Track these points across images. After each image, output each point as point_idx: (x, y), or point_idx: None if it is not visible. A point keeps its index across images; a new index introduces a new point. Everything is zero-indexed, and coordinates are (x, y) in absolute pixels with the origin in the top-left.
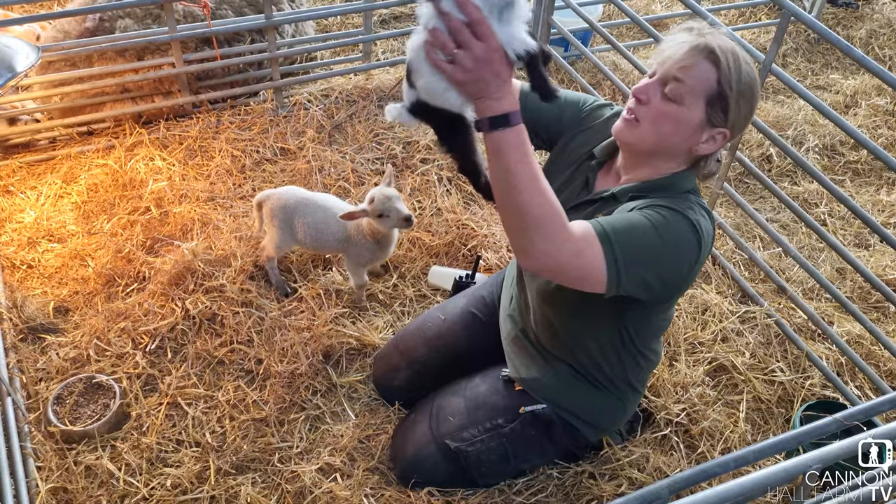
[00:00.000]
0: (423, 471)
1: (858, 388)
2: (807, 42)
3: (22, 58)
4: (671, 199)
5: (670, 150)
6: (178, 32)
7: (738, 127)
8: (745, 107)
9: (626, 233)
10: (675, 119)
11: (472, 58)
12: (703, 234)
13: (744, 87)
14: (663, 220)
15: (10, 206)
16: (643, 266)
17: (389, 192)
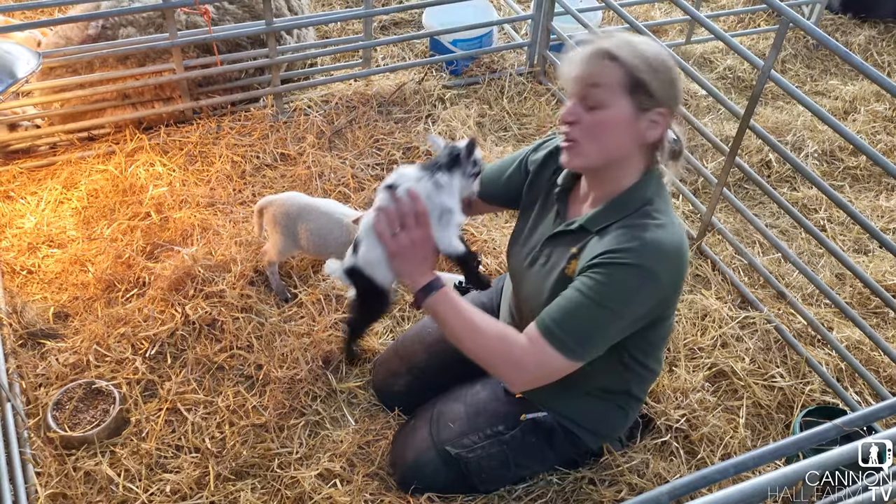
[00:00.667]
0: (423, 477)
1: (858, 394)
2: (806, 48)
3: (23, 64)
4: (627, 232)
5: (621, 154)
6: (179, 39)
7: (671, 101)
8: (665, 80)
9: (569, 319)
10: (608, 123)
11: (409, 238)
12: (660, 265)
13: (654, 64)
14: (602, 286)
15: (11, 212)
16: (599, 335)
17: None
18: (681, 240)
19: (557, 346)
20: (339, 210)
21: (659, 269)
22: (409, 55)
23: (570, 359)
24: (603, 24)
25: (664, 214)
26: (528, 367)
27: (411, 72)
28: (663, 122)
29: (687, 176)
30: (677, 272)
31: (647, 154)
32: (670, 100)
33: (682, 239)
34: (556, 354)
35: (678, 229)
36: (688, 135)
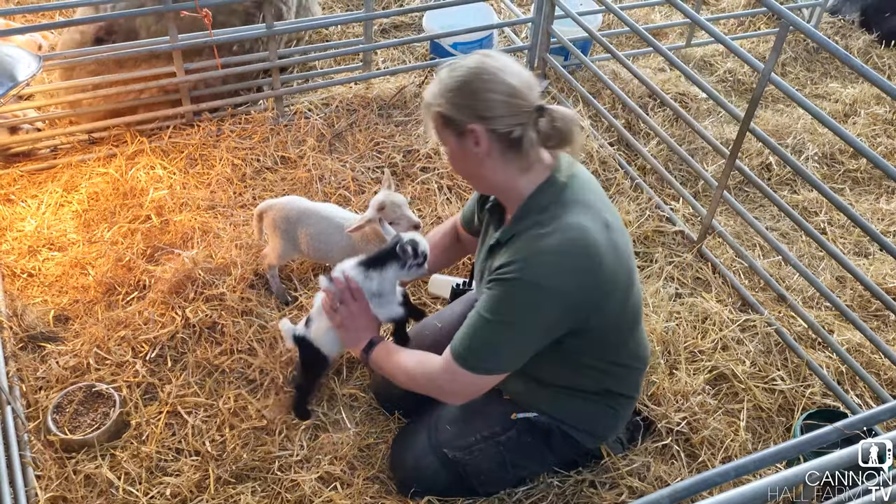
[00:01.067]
0: (422, 480)
1: (859, 397)
2: (806, 51)
3: (23, 67)
4: (515, 246)
5: (482, 174)
6: (180, 42)
7: (471, 115)
8: (458, 102)
9: (468, 338)
10: (451, 157)
11: (349, 311)
12: (543, 273)
13: (448, 92)
14: (491, 302)
15: (11, 215)
16: (504, 349)
17: (398, 199)
18: (568, 242)
19: (463, 364)
20: (339, 214)
21: (541, 277)
22: (409, 58)
23: (480, 374)
24: (603, 28)
25: (555, 220)
26: (449, 388)
27: (412, 75)
28: (479, 134)
29: (687, 179)
30: (571, 274)
31: (514, 160)
32: (470, 114)
33: (570, 240)
34: (464, 373)
35: (568, 232)
36: (688, 138)
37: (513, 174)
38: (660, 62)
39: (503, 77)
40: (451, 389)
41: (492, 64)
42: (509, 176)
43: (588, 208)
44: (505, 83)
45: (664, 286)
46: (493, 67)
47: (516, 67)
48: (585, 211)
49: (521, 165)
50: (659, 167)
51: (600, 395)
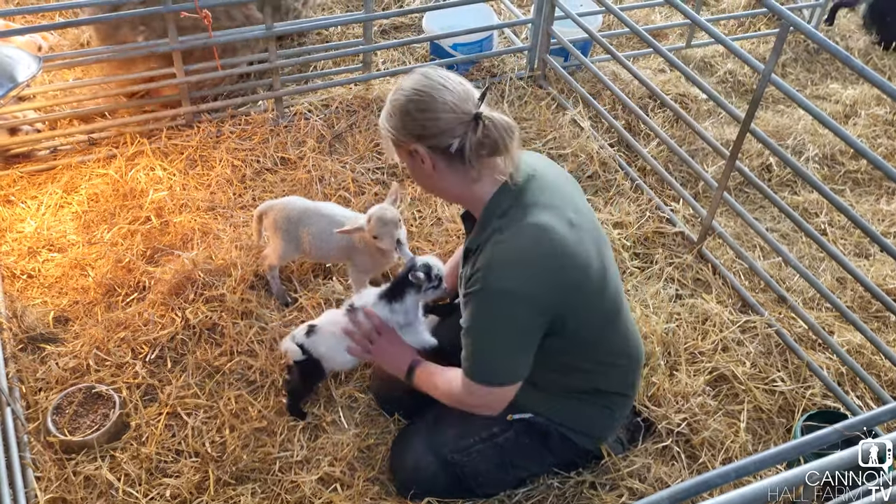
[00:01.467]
0: (422, 481)
1: (859, 398)
2: (806, 52)
3: (23, 68)
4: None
5: (437, 187)
6: (179, 43)
7: (409, 135)
8: (397, 125)
9: (469, 355)
10: (410, 172)
11: (379, 347)
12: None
13: (390, 117)
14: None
15: (11, 216)
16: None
17: (388, 215)
18: (528, 243)
19: (474, 380)
20: (339, 213)
21: (507, 282)
22: (409, 59)
23: (493, 386)
24: (603, 28)
25: (514, 223)
26: (475, 404)
27: None
28: (422, 152)
29: (687, 180)
30: (536, 275)
31: (461, 171)
32: (408, 135)
33: (530, 242)
34: (479, 387)
35: (528, 233)
36: (688, 139)
37: (465, 184)
38: (660, 63)
39: (436, 94)
40: (476, 405)
41: (425, 83)
42: (463, 187)
43: (548, 208)
44: (438, 100)
45: (664, 287)
46: (426, 86)
47: (452, 81)
48: (547, 211)
49: (471, 175)
50: (659, 168)
51: (592, 395)
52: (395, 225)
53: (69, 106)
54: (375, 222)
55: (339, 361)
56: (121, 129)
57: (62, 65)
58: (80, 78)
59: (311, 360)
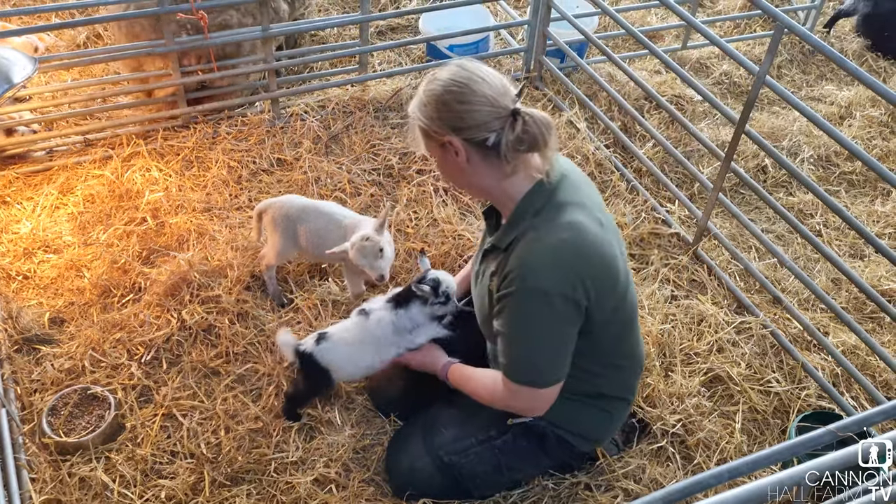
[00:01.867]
0: (417, 483)
1: (854, 399)
2: (801, 53)
3: (19, 69)
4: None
5: (471, 182)
6: (175, 45)
7: (446, 128)
8: (433, 115)
9: (511, 359)
10: (439, 168)
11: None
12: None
13: (424, 107)
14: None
15: (7, 217)
16: (544, 357)
17: (367, 247)
18: (563, 242)
19: (518, 382)
20: (337, 211)
21: (544, 282)
22: (405, 60)
23: (538, 387)
24: (599, 30)
25: (549, 221)
26: (520, 406)
27: (408, 77)
28: (457, 144)
29: (683, 181)
30: (571, 273)
31: (496, 166)
32: (444, 127)
33: (566, 240)
34: (522, 389)
35: (563, 232)
36: (683, 140)
37: (497, 179)
38: (656, 64)
39: (474, 86)
40: (521, 407)
41: (463, 74)
42: (494, 181)
43: (581, 208)
44: (477, 92)
45: (660, 288)
46: (465, 78)
47: (489, 74)
48: (580, 210)
49: (505, 170)
50: (655, 169)
51: (595, 399)
52: (374, 256)
53: (65, 107)
54: (356, 254)
55: (348, 372)
56: (116, 131)
57: (58, 66)
58: (76, 79)
59: (318, 368)
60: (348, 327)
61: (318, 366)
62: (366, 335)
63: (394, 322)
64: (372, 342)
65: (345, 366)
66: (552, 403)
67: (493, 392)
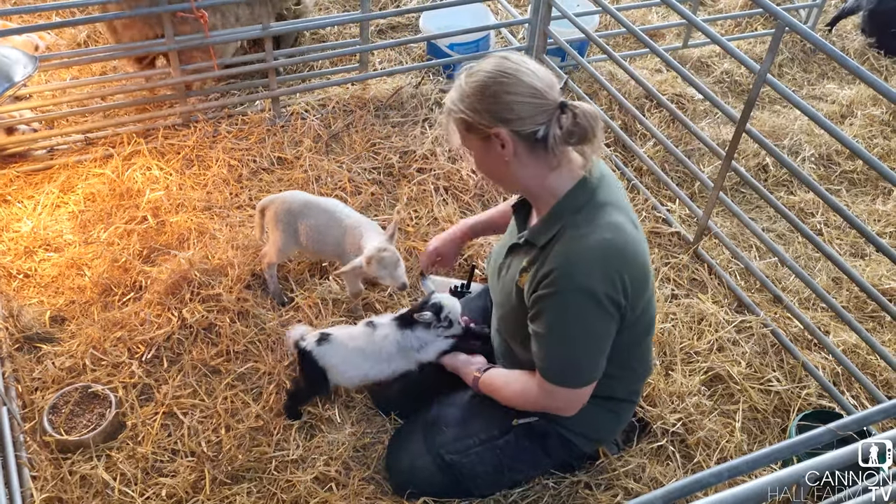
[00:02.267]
0: (418, 481)
1: (855, 398)
2: (802, 52)
3: (20, 68)
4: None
5: (513, 177)
6: (176, 43)
7: (494, 119)
8: (478, 107)
9: (551, 360)
10: (478, 163)
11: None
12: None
13: (467, 98)
14: (551, 323)
15: (7, 216)
16: (586, 357)
17: (387, 258)
18: (606, 242)
19: (555, 383)
20: (340, 209)
21: (587, 281)
22: (406, 59)
23: (577, 387)
24: (600, 29)
25: (591, 221)
26: (555, 406)
27: (408, 76)
28: (505, 136)
29: (684, 180)
30: (613, 273)
31: (542, 158)
32: (493, 118)
33: (609, 241)
34: (560, 389)
35: (606, 232)
36: (684, 139)
37: (542, 173)
38: (656, 63)
39: (523, 77)
40: (557, 407)
41: (510, 66)
42: (539, 175)
43: (620, 209)
44: (525, 83)
45: (660, 287)
46: (512, 69)
47: (536, 66)
48: (619, 211)
49: (550, 164)
50: (655, 168)
51: (605, 400)
52: (394, 266)
53: (66, 105)
54: (375, 266)
55: (347, 376)
56: (116, 129)
57: (59, 65)
58: (76, 77)
59: (316, 367)
60: (354, 335)
61: (316, 365)
62: (369, 346)
63: (399, 341)
64: (373, 354)
65: (342, 370)
66: (585, 402)
67: (527, 395)
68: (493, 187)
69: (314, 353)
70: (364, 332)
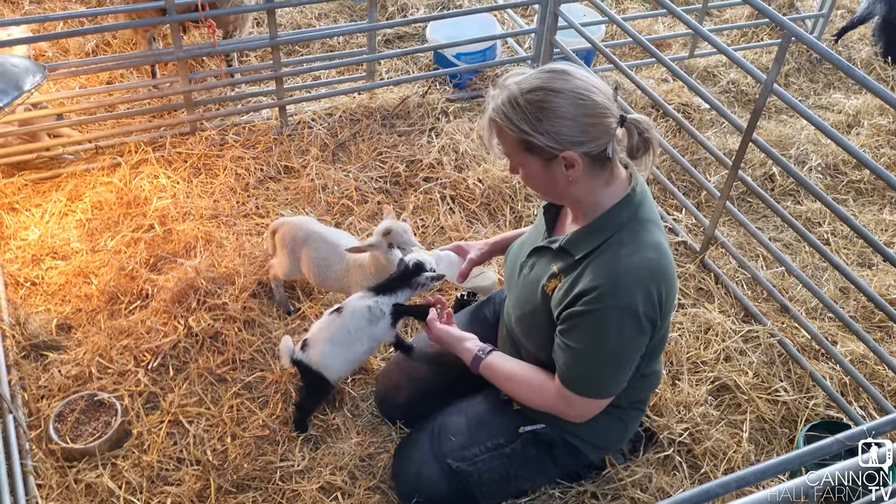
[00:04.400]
0: (424, 490)
1: (862, 408)
2: (809, 62)
3: (28, 77)
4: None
5: (565, 191)
6: (184, 52)
7: (567, 143)
8: (550, 129)
9: (579, 370)
10: (531, 177)
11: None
12: (630, 294)
13: (533, 117)
14: (589, 335)
15: (15, 224)
16: (613, 371)
17: (404, 224)
18: (650, 262)
19: (577, 392)
20: (345, 241)
21: (631, 300)
22: (412, 68)
23: (597, 398)
24: (606, 38)
25: (635, 239)
26: (569, 413)
27: (415, 85)
28: (574, 161)
29: (690, 189)
30: (654, 294)
31: (600, 175)
32: (563, 141)
33: (652, 261)
34: (580, 398)
35: (650, 252)
36: (691, 148)
37: (598, 189)
38: (663, 73)
39: (596, 98)
40: (571, 413)
41: (581, 85)
42: (593, 191)
43: (658, 226)
44: (599, 104)
45: None
46: (585, 90)
47: (594, 80)
48: (658, 229)
49: (607, 179)
50: (662, 177)
51: (614, 408)
52: (408, 231)
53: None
54: (396, 231)
55: (335, 368)
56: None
57: (66, 73)
58: (84, 87)
59: (312, 373)
60: (322, 326)
61: (311, 371)
62: (336, 333)
63: (370, 307)
64: (343, 338)
65: (330, 363)
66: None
67: (542, 395)
68: (499, 196)
69: (304, 360)
70: (329, 321)
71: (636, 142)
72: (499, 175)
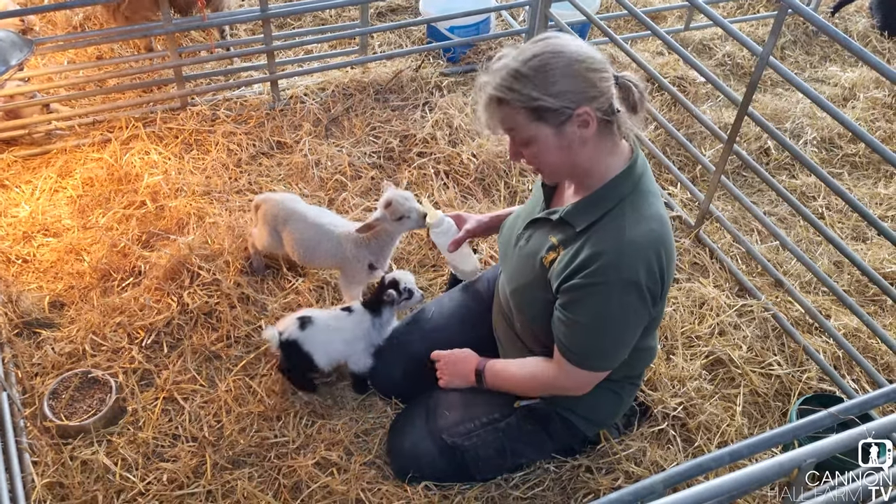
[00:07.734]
0: (419, 465)
1: (855, 382)
2: (805, 34)
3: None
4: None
5: (578, 160)
6: (173, 25)
7: (579, 98)
8: (560, 87)
9: (581, 343)
10: (542, 151)
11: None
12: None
13: (539, 79)
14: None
15: (6, 201)
16: (614, 343)
17: (405, 193)
18: (652, 234)
19: (578, 365)
20: (327, 220)
21: (634, 273)
22: (406, 42)
23: (598, 370)
24: (601, 11)
25: (636, 210)
26: (571, 386)
27: (408, 59)
28: (589, 116)
29: (685, 163)
30: (657, 265)
31: (607, 139)
32: (578, 98)
33: (654, 232)
34: (581, 371)
35: (651, 223)
36: (686, 122)
37: (603, 156)
38: (658, 46)
39: (588, 52)
40: (572, 386)
41: (570, 44)
42: (599, 158)
43: (658, 198)
44: (597, 59)
45: None
46: (576, 46)
47: (584, 44)
48: (658, 201)
49: (610, 148)
50: (657, 152)
51: (608, 382)
52: (414, 200)
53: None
54: (397, 201)
55: (326, 358)
56: (115, 113)
57: (54, 48)
58: (73, 61)
59: (300, 352)
60: (334, 317)
61: (301, 350)
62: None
63: (372, 322)
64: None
65: (326, 350)
66: None
67: (542, 378)
68: (494, 171)
69: (299, 339)
70: (341, 316)
71: (634, 99)
72: (493, 150)
